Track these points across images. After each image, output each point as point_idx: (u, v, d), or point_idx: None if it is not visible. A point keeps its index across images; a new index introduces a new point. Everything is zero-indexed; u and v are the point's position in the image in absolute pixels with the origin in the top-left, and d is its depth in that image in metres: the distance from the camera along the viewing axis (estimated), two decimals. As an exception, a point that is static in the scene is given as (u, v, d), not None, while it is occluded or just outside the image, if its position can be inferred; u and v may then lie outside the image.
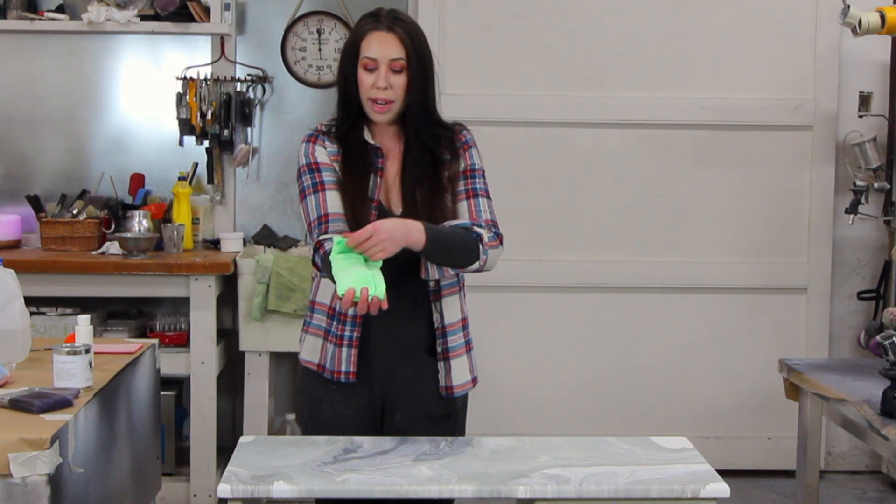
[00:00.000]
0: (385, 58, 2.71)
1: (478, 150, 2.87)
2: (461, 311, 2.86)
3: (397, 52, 2.71)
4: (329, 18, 4.91)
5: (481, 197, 2.82)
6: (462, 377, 2.84)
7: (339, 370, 2.79)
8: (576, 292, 4.97)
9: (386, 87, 2.71)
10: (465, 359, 2.85)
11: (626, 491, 2.39)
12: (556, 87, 4.91)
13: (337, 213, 2.74)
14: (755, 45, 4.92)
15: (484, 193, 2.83)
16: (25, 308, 2.97)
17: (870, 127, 4.86)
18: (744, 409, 4.99)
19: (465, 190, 2.81)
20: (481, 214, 2.79)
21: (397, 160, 2.81)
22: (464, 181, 2.82)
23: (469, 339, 2.87)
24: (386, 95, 2.72)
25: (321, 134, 2.82)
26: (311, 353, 2.85)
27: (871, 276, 5.05)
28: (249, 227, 4.95)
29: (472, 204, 2.80)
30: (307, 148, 2.80)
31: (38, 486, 2.37)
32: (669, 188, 4.95)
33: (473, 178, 2.83)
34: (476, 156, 2.85)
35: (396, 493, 2.38)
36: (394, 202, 2.79)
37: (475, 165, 2.84)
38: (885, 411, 3.03)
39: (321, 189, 2.76)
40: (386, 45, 2.71)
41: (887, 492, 4.91)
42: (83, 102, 4.92)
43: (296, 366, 4.93)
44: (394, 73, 2.71)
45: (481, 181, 2.84)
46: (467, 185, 2.82)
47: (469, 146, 2.85)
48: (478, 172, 2.84)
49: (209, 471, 4.50)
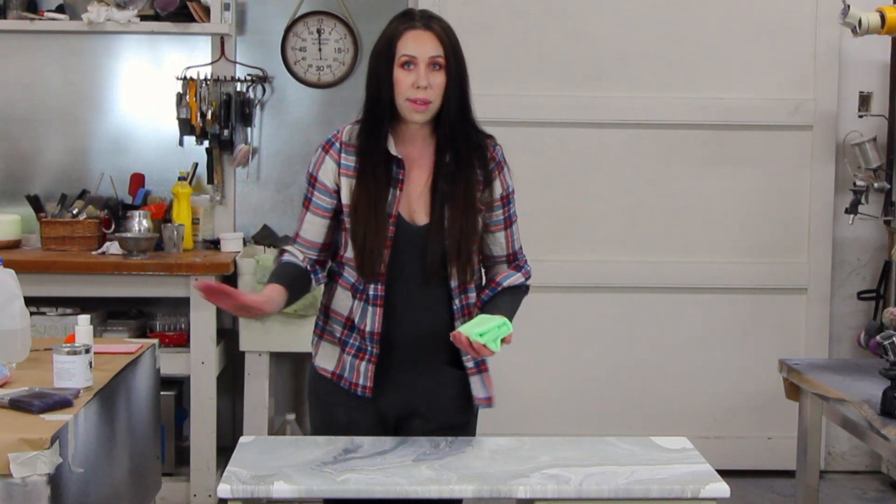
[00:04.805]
0: (424, 55, 2.64)
1: (508, 165, 2.81)
2: None
3: (436, 50, 2.64)
4: (329, 18, 4.91)
5: (515, 223, 2.82)
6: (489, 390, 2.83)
7: (357, 383, 2.73)
8: (576, 292, 4.97)
9: (426, 85, 2.63)
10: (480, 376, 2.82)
11: (626, 491, 2.39)
12: (556, 87, 4.92)
13: (307, 240, 2.75)
14: (755, 45, 4.92)
15: (516, 218, 2.83)
16: (25, 308, 2.97)
17: (870, 127, 4.86)
18: (744, 409, 4.99)
19: (504, 219, 2.79)
20: (515, 245, 2.82)
21: (426, 169, 2.72)
22: (502, 209, 2.78)
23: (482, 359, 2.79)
24: (426, 95, 2.63)
25: (339, 143, 2.73)
26: (328, 361, 2.78)
27: (871, 276, 5.05)
28: (249, 227, 4.95)
29: (509, 234, 2.81)
30: (317, 157, 2.75)
31: (38, 486, 2.37)
32: (669, 188, 4.95)
33: (510, 204, 2.80)
34: (509, 175, 2.80)
35: (396, 493, 2.38)
36: (418, 214, 2.70)
37: (509, 188, 2.79)
38: (885, 411, 3.03)
39: (307, 206, 2.76)
40: (424, 42, 2.64)
41: (887, 492, 4.91)
42: (83, 102, 4.92)
43: (296, 366, 4.99)
44: (433, 72, 2.64)
45: (514, 205, 2.82)
46: (506, 213, 2.79)
47: (503, 166, 2.78)
48: (512, 196, 2.80)
49: (209, 471, 4.50)
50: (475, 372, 2.79)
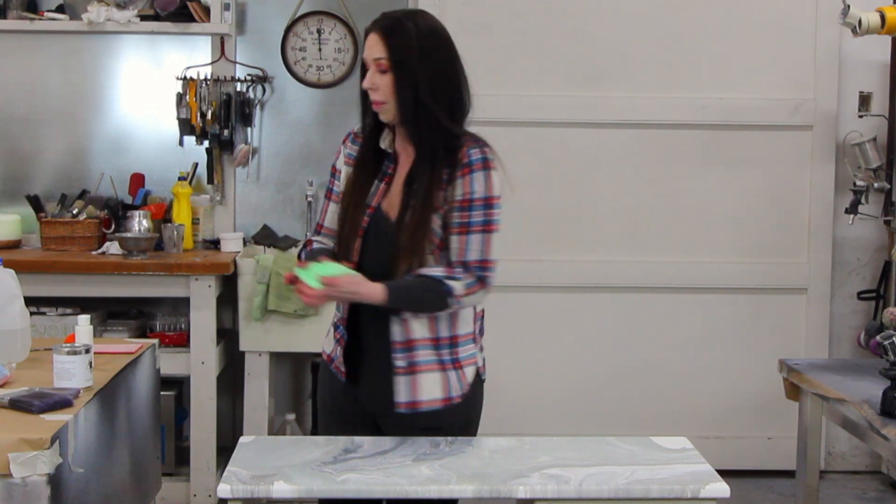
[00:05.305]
0: (370, 58, 2.70)
1: (489, 172, 2.67)
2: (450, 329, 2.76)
3: (379, 52, 2.68)
4: (329, 18, 4.91)
5: (475, 233, 2.66)
6: (431, 393, 2.72)
7: (339, 367, 2.82)
8: (576, 292, 4.97)
9: (370, 87, 2.70)
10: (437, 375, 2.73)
11: (626, 491, 2.39)
12: (556, 87, 4.92)
13: (329, 229, 2.85)
14: (755, 45, 4.92)
15: (480, 228, 2.66)
16: (25, 308, 2.97)
17: (870, 127, 4.86)
18: (744, 409, 4.99)
19: (459, 224, 2.67)
20: (468, 255, 2.67)
21: (407, 167, 2.76)
22: (459, 212, 2.67)
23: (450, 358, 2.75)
24: (375, 96, 2.70)
25: (353, 134, 2.85)
26: (328, 344, 2.88)
27: (871, 276, 5.05)
28: (249, 227, 4.95)
29: (463, 241, 2.67)
30: (339, 148, 2.88)
31: (38, 486, 2.37)
32: (669, 188, 4.95)
33: (470, 209, 2.66)
34: (480, 182, 2.67)
35: (396, 493, 2.38)
36: (393, 209, 2.74)
37: (474, 195, 2.66)
38: (885, 411, 3.03)
39: (328, 197, 2.88)
40: (371, 45, 2.70)
41: (887, 492, 4.91)
42: (83, 102, 4.92)
43: (296, 366, 5.00)
44: (380, 74, 2.68)
45: (480, 213, 2.66)
46: (462, 219, 2.67)
47: (471, 169, 2.67)
48: (477, 203, 2.66)
49: (209, 471, 4.50)
50: (402, 372, 2.70)
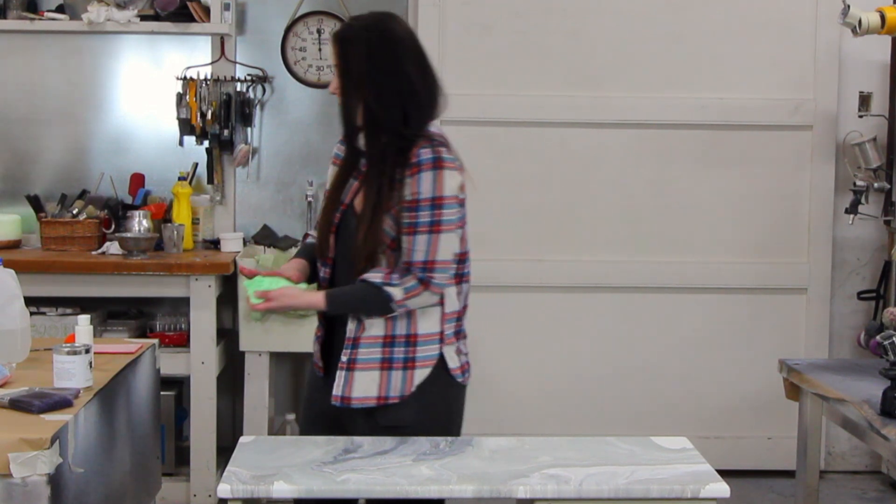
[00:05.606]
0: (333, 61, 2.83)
1: (439, 171, 2.69)
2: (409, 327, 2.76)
3: (334, 56, 2.81)
4: (329, 18, 4.91)
5: (421, 234, 2.67)
6: (364, 391, 2.75)
7: (316, 362, 2.92)
8: (576, 292, 4.96)
9: (333, 91, 2.82)
10: (375, 374, 2.75)
11: (626, 491, 2.39)
12: (556, 87, 4.91)
13: None
14: (755, 45, 4.92)
15: (427, 228, 2.68)
16: (25, 308, 2.97)
17: (870, 127, 4.86)
18: (744, 409, 4.99)
19: (407, 224, 2.70)
20: (414, 255, 2.68)
21: None
22: (407, 213, 2.70)
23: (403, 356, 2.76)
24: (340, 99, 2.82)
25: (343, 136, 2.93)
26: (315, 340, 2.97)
27: (871, 276, 5.05)
28: (249, 227, 4.95)
29: (410, 242, 2.69)
30: None
31: (38, 486, 2.38)
32: (669, 188, 4.95)
33: (417, 210, 2.68)
34: (427, 181, 2.68)
35: (396, 493, 2.38)
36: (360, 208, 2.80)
37: (421, 195, 2.68)
38: (885, 411, 3.03)
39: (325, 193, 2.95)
40: (331, 51, 2.83)
41: (887, 492, 4.91)
42: (83, 102, 4.92)
43: (296, 366, 5.00)
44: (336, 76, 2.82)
45: (427, 213, 2.68)
46: (410, 219, 2.69)
47: (419, 169, 2.69)
48: (424, 203, 2.68)
49: (209, 471, 4.50)
50: (343, 367, 2.77)
